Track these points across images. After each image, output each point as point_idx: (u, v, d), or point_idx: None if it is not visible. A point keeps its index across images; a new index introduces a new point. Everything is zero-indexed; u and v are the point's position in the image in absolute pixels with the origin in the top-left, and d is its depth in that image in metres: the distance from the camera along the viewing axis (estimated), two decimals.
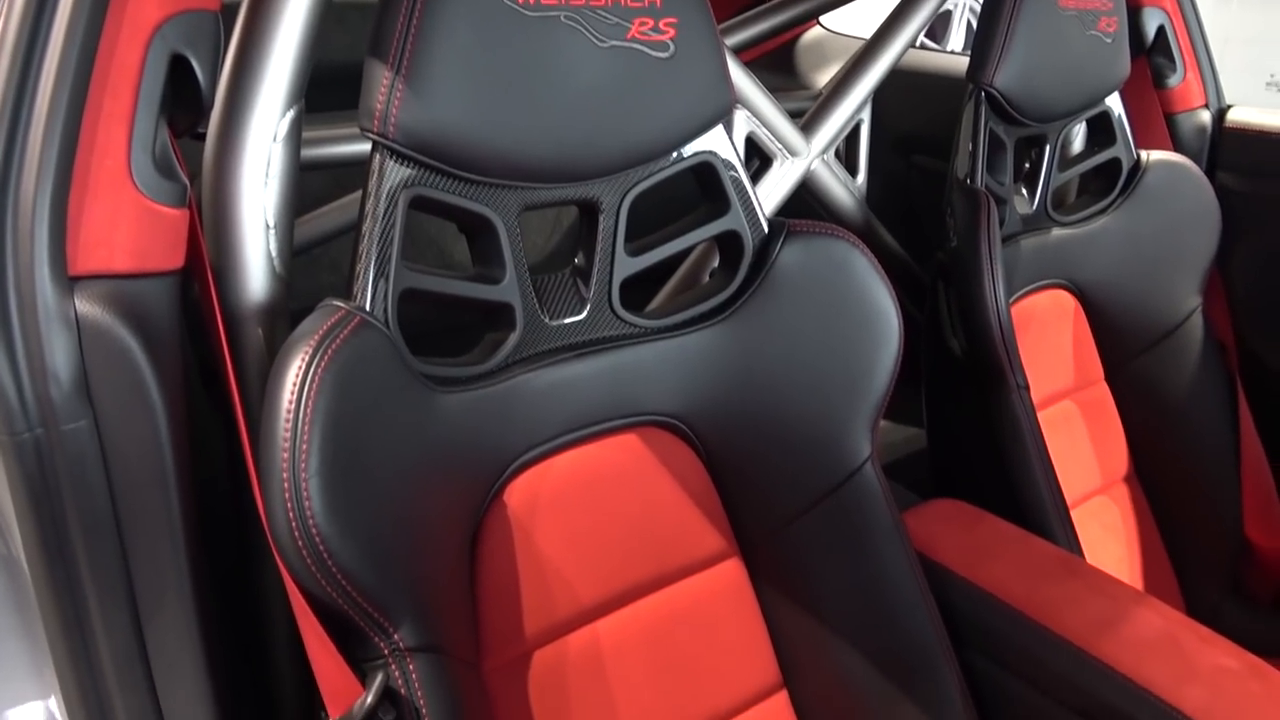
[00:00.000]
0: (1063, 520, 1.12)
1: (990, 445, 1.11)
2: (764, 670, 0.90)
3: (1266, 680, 0.79)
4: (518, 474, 0.76)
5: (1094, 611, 0.85)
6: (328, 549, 0.55)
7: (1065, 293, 1.27)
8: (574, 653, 0.79)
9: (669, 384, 0.85)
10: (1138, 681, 0.78)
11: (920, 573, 0.88)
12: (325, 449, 0.55)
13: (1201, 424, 1.30)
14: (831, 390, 0.85)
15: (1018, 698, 0.86)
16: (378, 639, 0.60)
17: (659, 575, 0.84)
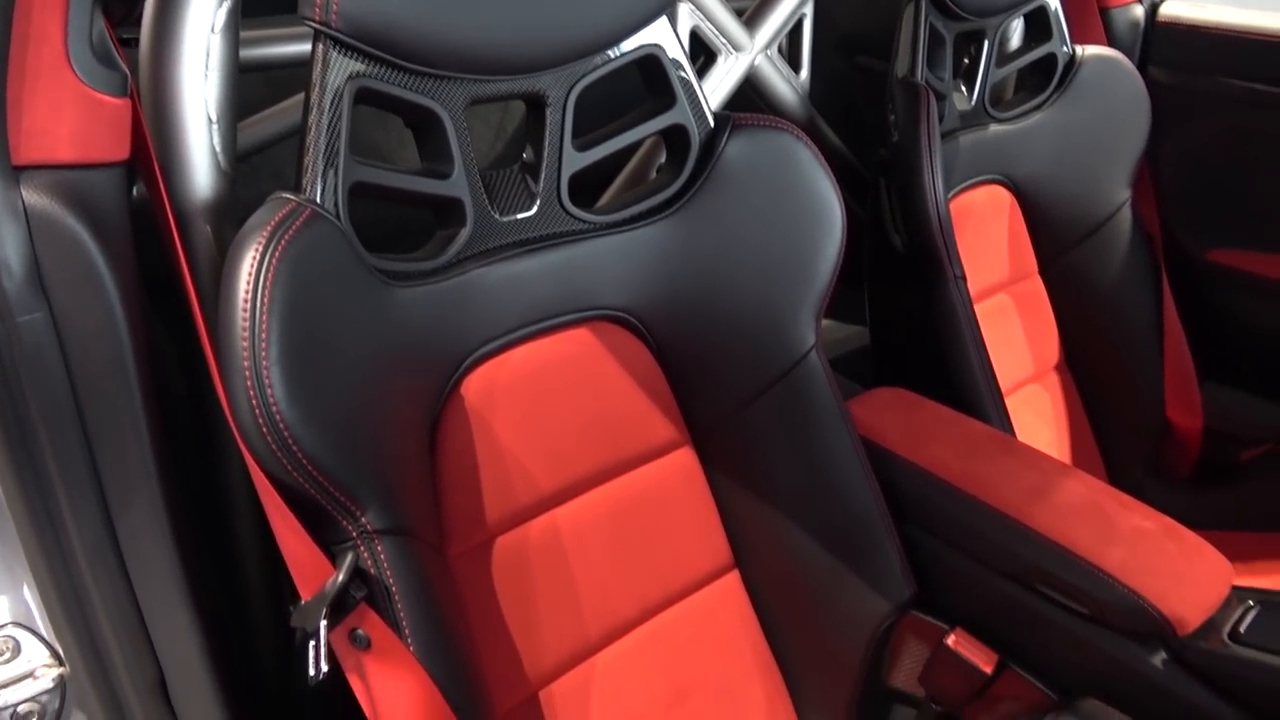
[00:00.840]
0: (997, 405, 1.17)
1: (929, 335, 1.15)
2: (716, 551, 0.94)
3: (1180, 539, 0.86)
4: (474, 367, 0.78)
5: (1025, 484, 0.90)
6: (292, 434, 0.57)
7: (1001, 188, 1.31)
8: (535, 538, 0.82)
9: (619, 278, 0.86)
10: (1064, 544, 0.84)
11: (863, 455, 0.92)
12: (284, 337, 0.56)
13: (1128, 313, 1.36)
14: (777, 280, 0.87)
15: (955, 566, 0.92)
16: (345, 522, 0.62)
17: (614, 463, 0.87)
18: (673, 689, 0.88)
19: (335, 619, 0.59)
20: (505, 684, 0.78)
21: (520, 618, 0.80)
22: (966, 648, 0.88)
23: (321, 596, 0.58)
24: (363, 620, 0.61)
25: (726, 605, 0.94)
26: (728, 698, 0.92)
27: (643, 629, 0.88)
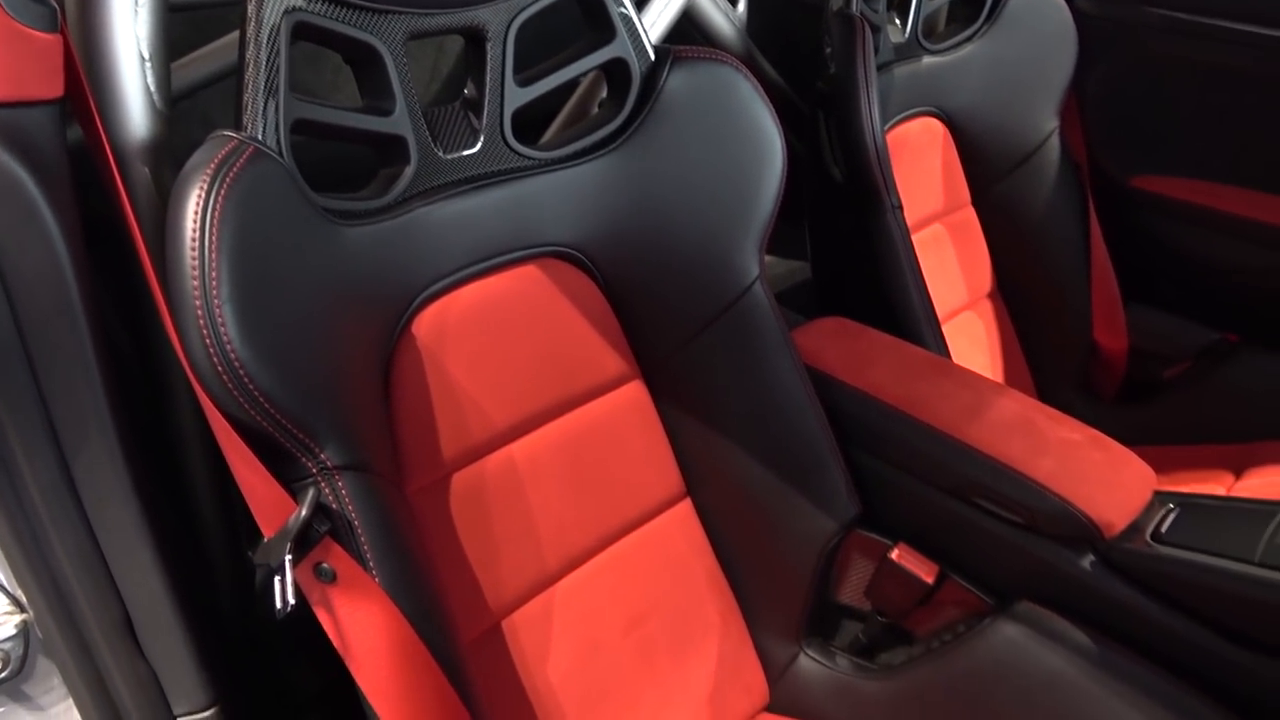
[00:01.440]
0: (934, 332, 1.21)
1: (868, 264, 1.18)
2: (668, 481, 0.97)
3: (1106, 449, 0.90)
4: (425, 306, 0.78)
5: (960, 403, 0.94)
6: (247, 373, 0.57)
7: (935, 120, 1.33)
8: (492, 473, 0.83)
9: (565, 215, 0.87)
10: (998, 458, 0.88)
11: (808, 382, 0.95)
12: (235, 275, 0.56)
13: (1056, 240, 1.40)
14: (721, 212, 0.89)
15: (897, 485, 0.96)
16: (304, 459, 0.62)
17: (566, 398, 0.89)
18: (630, 613, 0.91)
19: (299, 554, 0.60)
20: (468, 615, 0.79)
21: (480, 551, 0.81)
22: (909, 560, 0.92)
23: (285, 532, 0.59)
24: (327, 554, 0.61)
25: (680, 532, 0.97)
26: (683, 619, 0.95)
27: (600, 558, 0.91)
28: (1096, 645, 0.83)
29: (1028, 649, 0.85)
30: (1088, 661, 0.82)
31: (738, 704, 0.98)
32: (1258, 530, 0.81)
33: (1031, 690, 0.84)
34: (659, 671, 0.92)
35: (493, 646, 0.81)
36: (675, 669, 0.93)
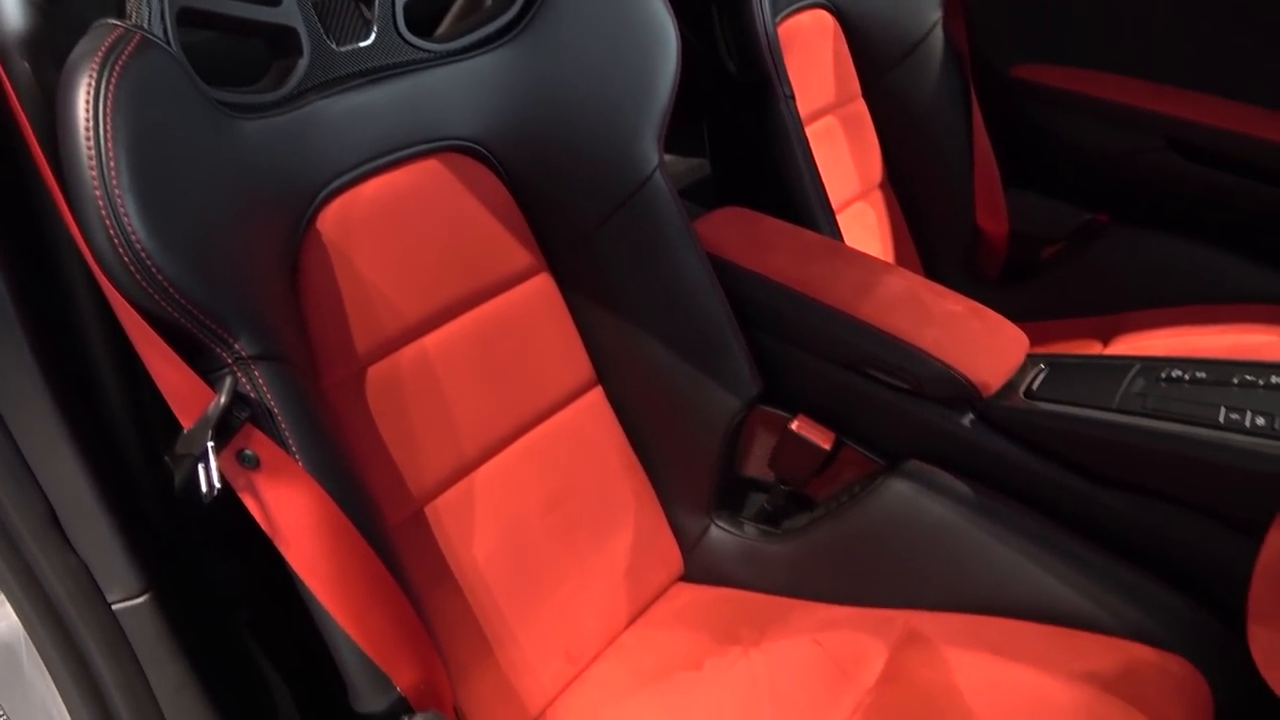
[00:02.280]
0: (829, 221, 1.27)
1: (764, 156, 1.21)
2: (579, 370, 1.00)
3: (984, 318, 0.97)
4: (328, 202, 0.78)
5: (852, 281, 0.99)
6: (154, 263, 0.57)
7: (825, 12, 1.36)
8: (406, 366, 0.85)
9: (464, 108, 0.88)
10: (887, 330, 0.94)
11: (709, 268, 0.99)
12: (133, 164, 0.56)
13: (942, 129, 1.46)
14: (619, 101, 0.90)
15: (795, 361, 1.01)
16: (218, 349, 0.63)
17: (475, 291, 0.91)
18: (548, 496, 0.95)
19: (221, 442, 0.62)
20: (391, 502, 0.82)
21: (400, 440, 0.84)
22: (808, 430, 0.99)
23: (206, 420, 0.60)
24: (249, 440, 0.63)
25: (592, 418, 1.01)
26: (599, 500, 1.00)
27: (516, 445, 0.94)
28: (977, 494, 0.91)
29: (916, 502, 0.92)
30: (970, 509, 0.90)
31: (655, 575, 1.04)
32: (1116, 382, 0.90)
33: (921, 538, 0.92)
34: (579, 549, 0.97)
35: (417, 530, 0.85)
36: (594, 546, 0.99)
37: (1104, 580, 0.85)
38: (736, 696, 0.89)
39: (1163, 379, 0.88)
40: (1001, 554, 0.89)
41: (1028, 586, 0.87)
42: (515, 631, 0.90)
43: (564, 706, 0.92)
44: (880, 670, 0.87)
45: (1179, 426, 0.82)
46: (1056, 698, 0.79)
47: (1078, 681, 0.80)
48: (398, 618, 0.69)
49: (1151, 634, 0.83)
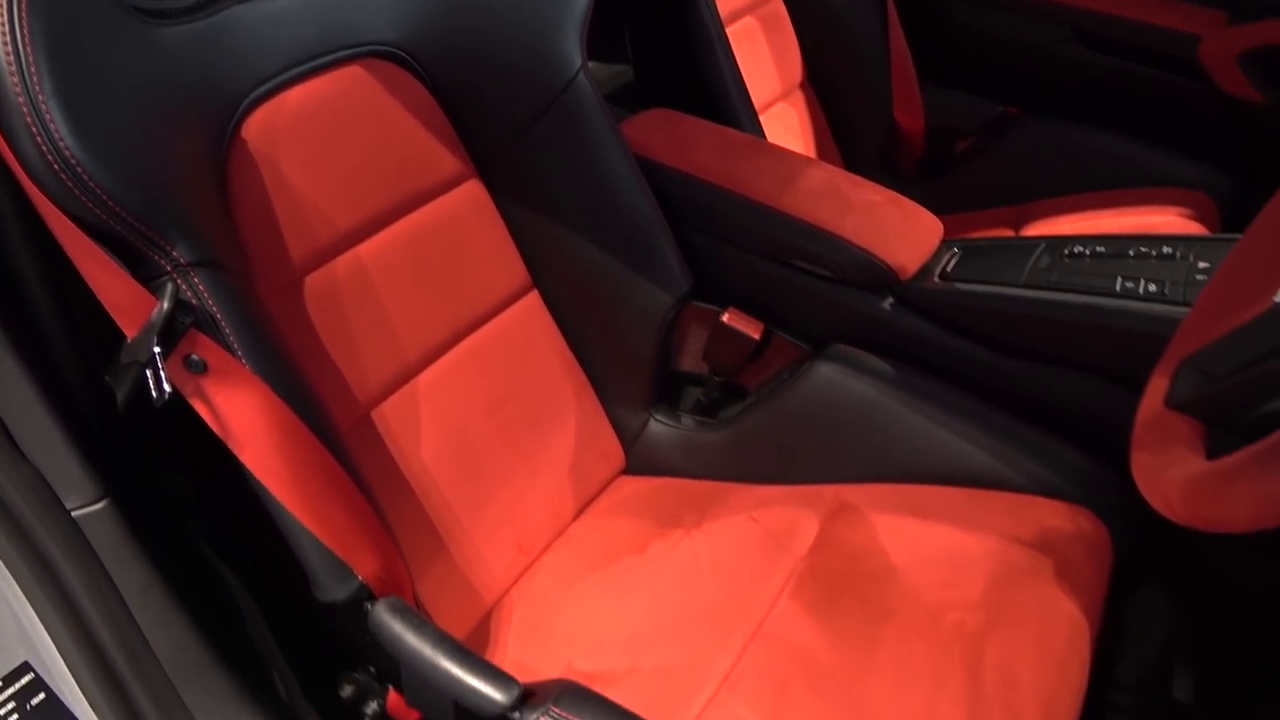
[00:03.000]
0: (752, 121, 1.29)
1: (686, 55, 1.22)
2: (514, 274, 1.02)
3: (901, 205, 1.02)
4: (252, 110, 0.78)
5: (775, 176, 1.02)
6: (85, 169, 0.57)
7: None
8: (342, 275, 0.86)
9: (382, 12, 0.87)
10: (810, 221, 0.98)
11: (636, 168, 1.01)
12: (55, 70, 0.56)
13: (859, 27, 1.48)
14: (539, 2, 0.91)
15: (723, 256, 1.05)
16: (156, 256, 0.64)
17: (406, 198, 0.92)
18: (490, 399, 0.98)
19: (167, 348, 0.63)
20: (337, 407, 0.84)
21: (342, 348, 0.85)
22: (738, 322, 1.03)
23: (150, 326, 0.61)
24: (194, 345, 0.64)
25: (530, 321, 1.04)
26: (540, 400, 1.03)
27: (456, 350, 0.96)
28: (897, 372, 0.97)
29: (841, 383, 0.98)
30: (891, 386, 0.96)
31: (598, 469, 1.08)
32: (1023, 261, 0.95)
33: (846, 416, 0.98)
34: (523, 448, 1.01)
35: (365, 434, 0.87)
36: (538, 444, 1.02)
37: (1014, 443, 0.92)
38: (680, 574, 0.94)
39: (1066, 255, 0.94)
40: (921, 425, 0.95)
41: (945, 454, 0.94)
42: (467, 527, 0.94)
43: (518, 594, 0.96)
44: (813, 539, 0.93)
45: (1080, 297, 0.88)
46: (971, 550, 0.86)
47: (991, 535, 0.87)
48: (354, 510, 0.72)
49: (1057, 489, 0.90)
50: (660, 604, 0.91)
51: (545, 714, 0.68)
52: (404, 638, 0.70)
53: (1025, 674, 0.75)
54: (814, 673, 0.79)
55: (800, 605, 0.86)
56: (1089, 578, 0.83)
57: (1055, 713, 0.73)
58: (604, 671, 0.84)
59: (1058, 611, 0.80)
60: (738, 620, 0.86)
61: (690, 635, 0.86)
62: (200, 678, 0.72)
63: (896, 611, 0.83)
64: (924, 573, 0.86)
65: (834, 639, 0.82)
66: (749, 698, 0.78)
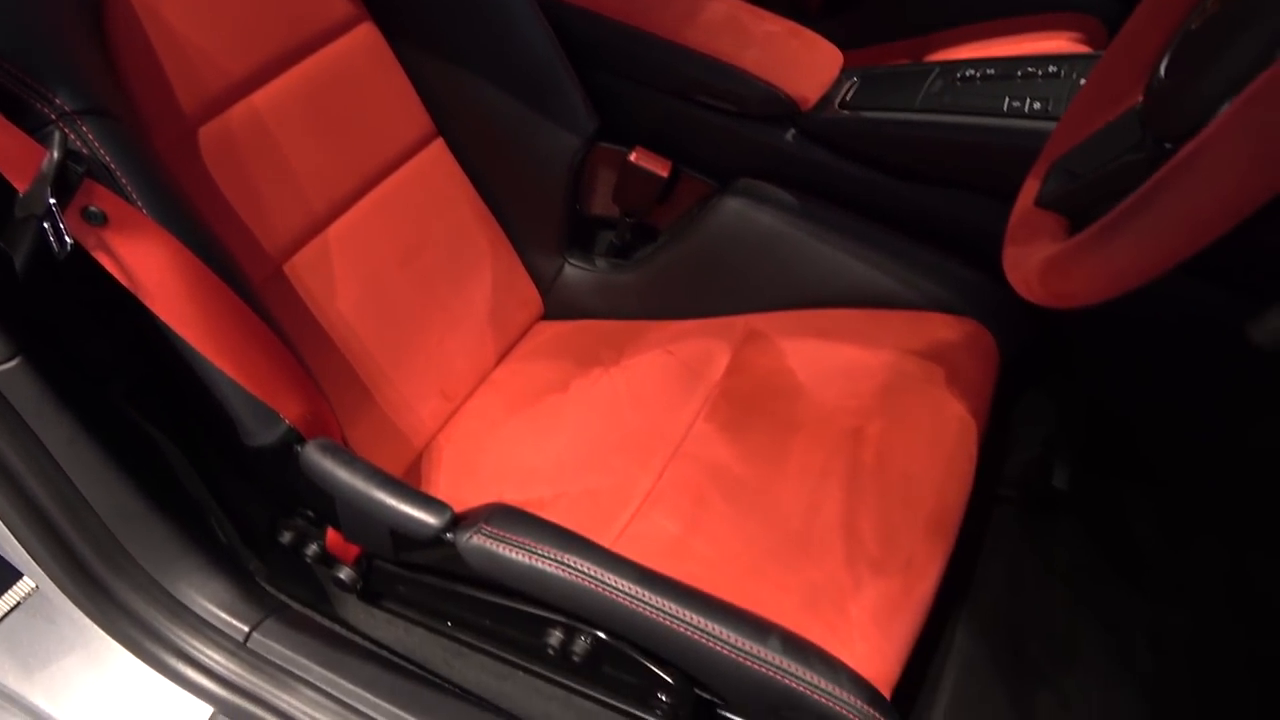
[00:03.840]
0: None
1: None
2: (417, 121, 1.01)
3: (801, 35, 1.02)
4: None
5: (676, 10, 1.01)
6: None
7: None
8: (238, 125, 0.84)
9: None
10: (712, 54, 0.98)
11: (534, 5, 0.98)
12: None
13: None
14: None
15: (628, 95, 1.04)
16: (38, 104, 0.62)
17: (298, 44, 0.89)
18: (404, 249, 0.99)
19: (63, 200, 0.62)
20: (247, 261, 0.84)
21: (245, 201, 0.85)
22: (645, 160, 1.04)
23: (43, 177, 0.60)
24: (91, 197, 0.63)
25: (437, 169, 1.03)
26: (455, 249, 1.04)
27: (365, 201, 0.96)
28: (801, 202, 1.00)
29: (748, 215, 1.01)
30: (795, 215, 0.99)
31: (517, 315, 1.11)
32: (918, 86, 0.97)
33: (754, 248, 1.01)
34: (440, 297, 1.02)
35: (279, 287, 0.87)
36: (455, 293, 1.04)
37: (910, 264, 0.97)
38: (601, 407, 0.99)
39: (958, 79, 0.96)
40: (824, 253, 0.99)
41: (847, 278, 0.98)
42: (390, 376, 0.96)
43: (445, 438, 1.00)
44: (725, 366, 0.98)
45: (970, 118, 0.91)
46: (870, 364, 0.92)
47: (888, 350, 0.93)
48: (274, 356, 0.73)
49: (949, 304, 0.96)
50: (583, 436, 0.95)
51: (478, 533, 0.72)
52: (336, 473, 0.73)
53: (918, 468, 0.82)
54: (728, 484, 0.85)
55: (714, 426, 0.92)
56: (976, 382, 0.90)
57: (945, 501, 0.81)
58: (533, 499, 0.89)
59: (947, 413, 0.86)
60: (657, 444, 0.91)
61: (613, 461, 0.91)
62: (139, 526, 0.75)
63: (802, 424, 0.89)
64: (827, 388, 0.92)
65: (746, 453, 0.87)
66: (669, 510, 0.84)
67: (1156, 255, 0.41)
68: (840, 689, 0.64)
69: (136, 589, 0.73)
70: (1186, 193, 0.38)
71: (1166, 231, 0.40)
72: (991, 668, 0.88)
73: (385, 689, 0.73)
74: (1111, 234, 0.43)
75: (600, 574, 0.69)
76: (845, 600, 0.72)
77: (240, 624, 0.76)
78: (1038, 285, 0.50)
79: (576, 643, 0.76)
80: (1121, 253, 0.43)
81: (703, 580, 0.71)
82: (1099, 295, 0.45)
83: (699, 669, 0.70)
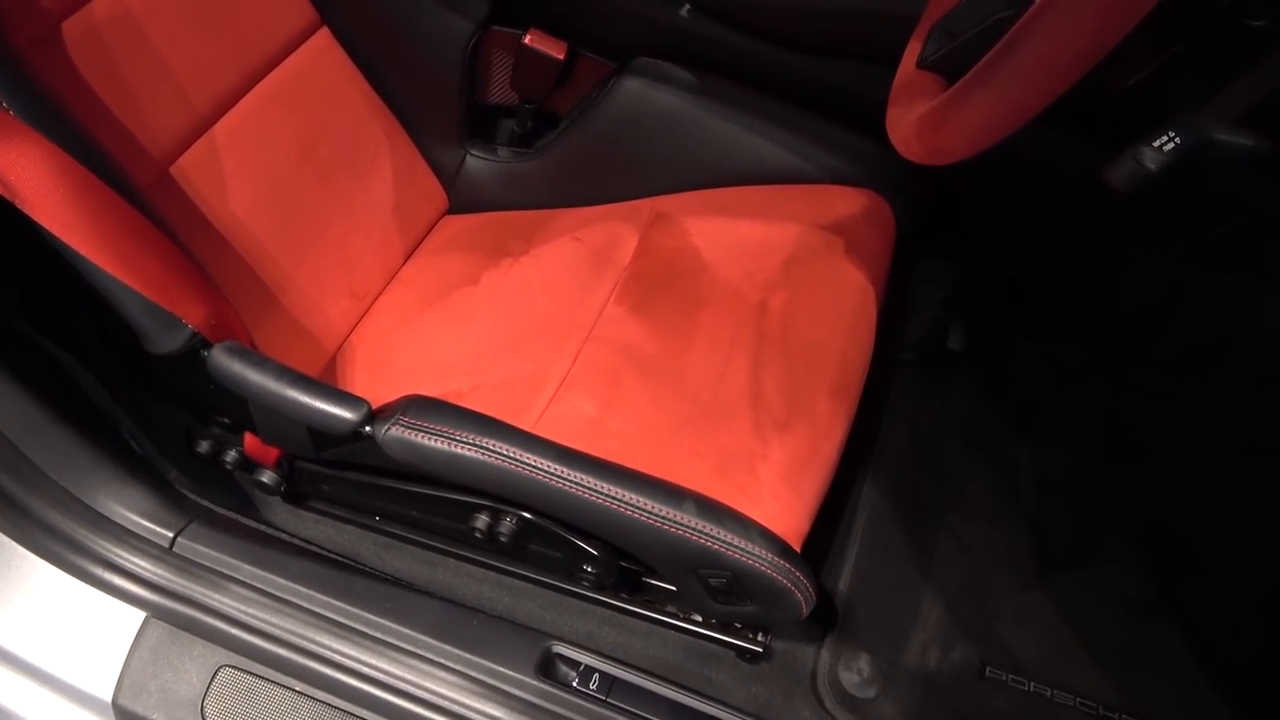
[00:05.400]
0: None
1: None
2: (298, 9, 0.96)
3: None
4: None
5: None
6: None
7: None
8: (103, 18, 0.79)
9: None
10: None
11: None
12: None
13: None
14: None
15: None
16: None
17: None
18: (298, 144, 0.96)
19: None
20: (130, 165, 0.80)
21: (120, 101, 0.80)
22: (541, 43, 1.02)
23: None
24: None
25: (325, 60, 0.99)
26: (351, 143, 1.01)
27: (251, 96, 0.92)
28: (700, 80, 1.00)
29: (647, 95, 1.00)
30: (694, 94, 0.99)
31: (421, 210, 1.09)
32: None
33: (655, 129, 1.01)
34: (340, 192, 1.00)
35: (167, 190, 0.84)
36: (355, 188, 1.01)
37: (810, 138, 0.98)
38: (514, 297, 0.99)
39: None
40: (724, 130, 0.99)
41: (748, 156, 1.00)
42: (295, 276, 0.95)
43: (358, 338, 0.99)
44: (633, 249, 0.99)
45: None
46: (773, 239, 0.94)
47: (790, 224, 0.95)
48: (169, 261, 0.71)
49: (847, 176, 0.98)
50: (498, 326, 0.96)
51: (395, 424, 0.73)
52: (246, 375, 0.73)
53: (821, 335, 0.85)
54: (640, 362, 0.87)
55: (625, 308, 0.93)
56: (875, 251, 0.93)
57: (848, 365, 0.85)
58: (450, 392, 0.90)
59: (848, 282, 0.90)
60: (571, 329, 0.93)
61: (528, 348, 0.93)
62: (44, 438, 0.73)
63: (709, 300, 0.91)
64: (732, 264, 0.94)
65: (656, 331, 0.90)
66: (585, 392, 0.86)
67: (1019, 103, 0.43)
68: (752, 544, 0.68)
69: (53, 503, 0.72)
70: (1041, 40, 0.40)
71: (1026, 79, 0.42)
72: (894, 517, 0.94)
73: (317, 581, 0.75)
74: (977, 85, 0.45)
75: (520, 454, 0.71)
76: (755, 463, 0.76)
77: (164, 530, 0.76)
78: (915, 142, 0.52)
79: (502, 524, 0.79)
80: (987, 103, 0.45)
81: (620, 455, 0.74)
82: (972, 148, 0.47)
83: (621, 538, 0.73)
